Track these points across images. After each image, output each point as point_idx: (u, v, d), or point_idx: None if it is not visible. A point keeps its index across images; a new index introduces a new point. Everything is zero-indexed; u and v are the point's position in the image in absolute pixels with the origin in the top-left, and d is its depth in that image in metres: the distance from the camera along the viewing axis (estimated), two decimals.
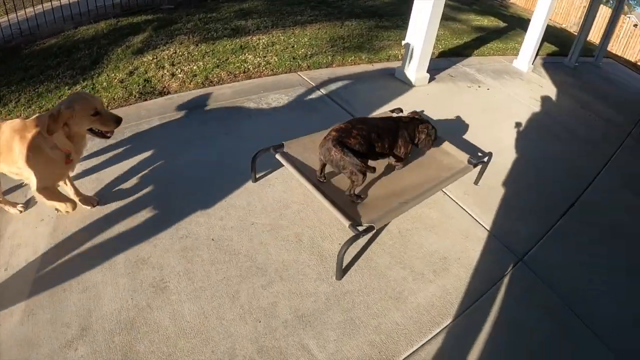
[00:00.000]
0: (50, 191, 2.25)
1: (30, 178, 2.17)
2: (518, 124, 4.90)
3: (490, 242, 2.81)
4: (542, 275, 2.70)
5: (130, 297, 2.04)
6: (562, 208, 3.52)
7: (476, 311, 2.31)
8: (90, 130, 2.23)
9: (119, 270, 2.15)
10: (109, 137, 2.31)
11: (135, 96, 3.72)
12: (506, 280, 2.57)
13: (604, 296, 2.73)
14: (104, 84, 3.83)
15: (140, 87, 3.86)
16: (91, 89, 3.72)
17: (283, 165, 2.67)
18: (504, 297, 2.44)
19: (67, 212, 2.36)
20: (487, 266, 2.63)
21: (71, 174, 2.43)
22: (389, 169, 2.84)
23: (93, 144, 2.96)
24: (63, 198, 2.34)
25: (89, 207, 2.49)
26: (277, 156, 2.68)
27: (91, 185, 2.66)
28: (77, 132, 2.18)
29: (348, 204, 2.39)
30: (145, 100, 3.73)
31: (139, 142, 3.11)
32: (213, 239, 2.39)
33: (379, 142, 2.55)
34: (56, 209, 2.40)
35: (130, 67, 4.22)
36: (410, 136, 2.79)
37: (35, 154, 2.11)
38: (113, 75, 4.01)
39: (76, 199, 2.44)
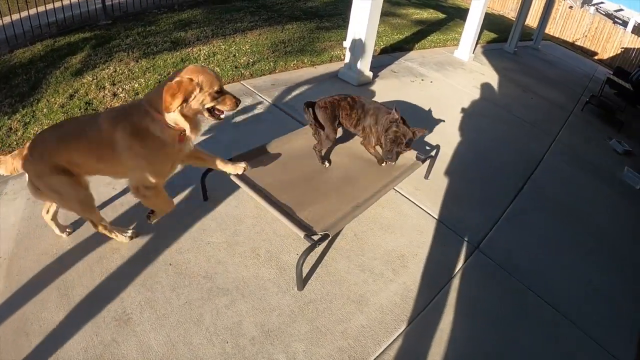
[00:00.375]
0: (157, 189, 2.12)
1: (135, 174, 2.03)
2: (463, 114, 5.13)
3: (445, 234, 2.95)
4: (499, 260, 2.86)
5: (95, 333, 1.99)
6: (513, 191, 3.72)
7: (439, 303, 2.43)
8: (208, 110, 2.05)
9: (78, 307, 2.10)
10: (222, 119, 2.15)
11: None
12: (465, 269, 2.71)
13: (559, 272, 2.95)
14: (44, 110, 3.70)
15: (82, 110, 3.75)
16: (31, 117, 3.58)
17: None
18: (465, 286, 2.57)
19: (160, 216, 2.32)
20: (445, 258, 2.75)
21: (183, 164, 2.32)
22: (341, 173, 2.91)
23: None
24: (167, 197, 2.24)
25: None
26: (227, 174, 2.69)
27: (41, 220, 2.56)
28: (196, 110, 2.00)
29: (302, 215, 2.44)
30: None
31: None
32: (170, 264, 2.37)
33: (344, 116, 3.03)
34: (150, 215, 2.32)
35: (71, 90, 4.09)
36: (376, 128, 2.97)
37: (143, 142, 1.95)
38: (53, 100, 3.88)
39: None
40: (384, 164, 3.03)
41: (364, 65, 5.19)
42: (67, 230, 2.40)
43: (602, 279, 3.04)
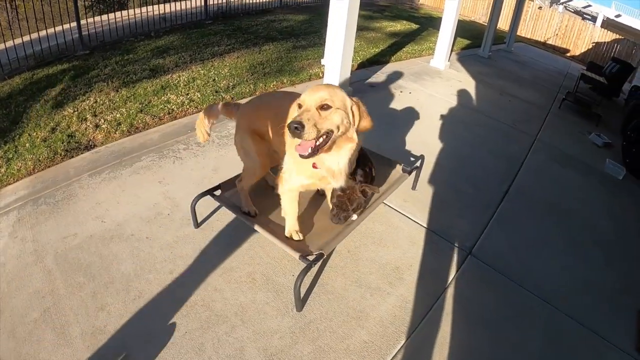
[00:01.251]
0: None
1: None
2: (444, 122, 5.25)
3: (437, 243, 3.01)
4: (492, 263, 2.93)
5: None
6: (500, 194, 3.81)
7: (437, 311, 2.47)
8: None
9: (77, 345, 2.09)
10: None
11: (60, 154, 3.62)
12: (460, 275, 2.77)
13: (553, 269, 3.04)
14: (27, 145, 3.70)
15: (65, 143, 3.76)
16: (14, 152, 3.59)
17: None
18: (461, 292, 2.63)
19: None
20: (439, 266, 2.81)
21: None
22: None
23: (26, 212, 2.86)
24: None
25: None
26: (216, 200, 2.73)
27: (31, 258, 2.56)
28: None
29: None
30: (72, 157, 3.64)
31: (70, 205, 3.03)
32: (166, 295, 2.38)
33: None
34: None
35: (52, 124, 4.10)
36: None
37: None
38: (35, 134, 3.89)
39: None
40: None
41: (343, 82, 5.28)
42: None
43: (596, 271, 3.13)
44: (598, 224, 3.79)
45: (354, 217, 2.63)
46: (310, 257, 2.30)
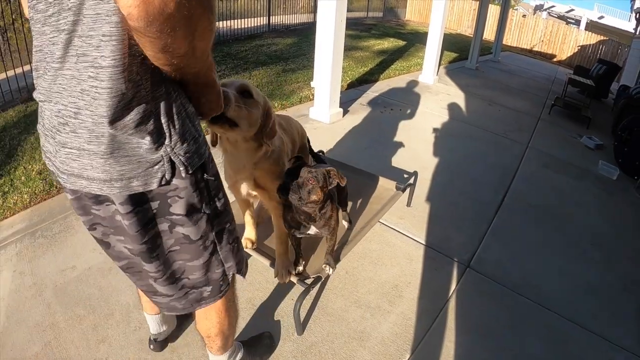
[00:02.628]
0: None
1: None
2: (435, 136, 5.32)
3: (435, 258, 3.03)
4: (492, 274, 2.96)
5: None
6: (495, 204, 3.85)
7: (439, 326, 2.49)
8: None
9: None
10: None
11: (56, 187, 3.62)
12: (459, 289, 2.79)
13: (553, 275, 3.07)
14: (22, 178, 3.72)
15: None
16: (10, 185, 3.61)
17: None
18: (462, 305, 2.65)
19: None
20: (439, 281, 2.83)
21: None
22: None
23: (22, 244, 2.87)
24: None
25: None
26: None
27: (30, 291, 2.56)
28: None
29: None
30: None
31: (68, 237, 3.03)
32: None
33: None
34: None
35: None
36: None
37: None
38: (30, 167, 3.90)
39: None
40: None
41: (334, 103, 5.36)
42: None
43: (596, 273, 3.16)
44: (595, 225, 3.83)
45: (329, 270, 2.39)
46: (309, 281, 2.32)
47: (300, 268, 2.40)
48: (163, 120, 0.98)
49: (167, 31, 0.76)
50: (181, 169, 1.03)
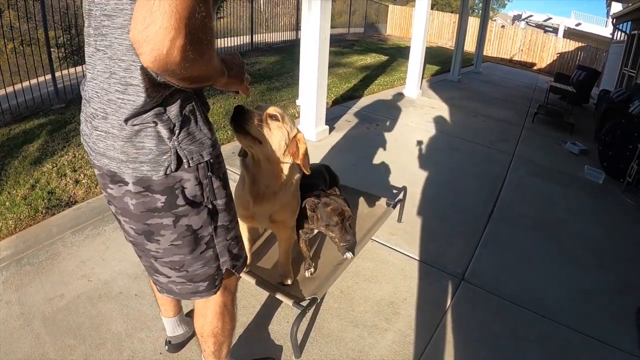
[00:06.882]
0: None
1: None
2: (421, 150, 5.38)
3: (429, 273, 3.05)
4: (487, 286, 2.98)
5: None
6: (485, 215, 3.89)
7: (437, 341, 2.49)
8: None
9: None
10: None
11: (42, 212, 3.58)
12: (455, 302, 2.80)
13: (547, 283, 3.10)
14: (7, 203, 3.65)
15: (45, 201, 3.73)
16: None
17: None
18: (459, 319, 2.66)
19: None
20: (434, 296, 2.84)
21: None
22: (315, 236, 2.98)
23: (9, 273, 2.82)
24: None
25: None
26: None
27: (18, 322, 2.51)
28: None
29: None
30: (54, 214, 3.60)
31: (55, 264, 2.97)
32: (160, 353, 2.35)
33: None
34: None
35: (32, 180, 4.06)
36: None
37: None
38: (15, 192, 3.84)
39: None
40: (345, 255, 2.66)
41: (319, 120, 5.40)
42: None
43: (590, 277, 3.21)
44: (586, 230, 3.89)
45: (349, 255, 2.68)
46: (304, 303, 2.32)
47: (312, 270, 2.59)
48: (174, 120, 1.18)
49: (180, 72, 0.94)
50: (185, 161, 1.21)
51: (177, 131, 1.19)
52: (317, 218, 2.35)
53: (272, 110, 1.83)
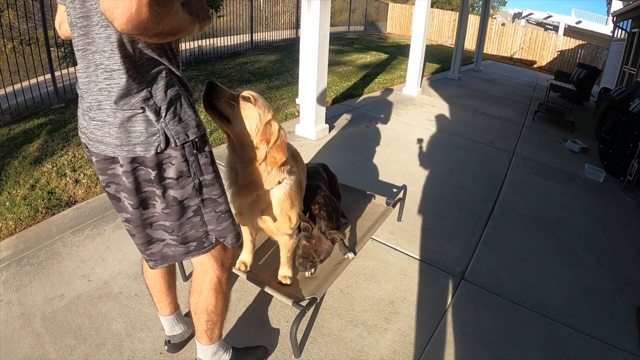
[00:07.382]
0: None
1: None
2: (421, 149, 5.37)
3: (429, 272, 3.05)
4: (487, 285, 2.97)
5: None
6: (485, 214, 3.88)
7: (437, 340, 2.49)
8: None
9: None
10: None
11: (42, 212, 3.58)
12: (455, 301, 2.80)
13: (547, 282, 3.10)
14: (7, 203, 3.65)
15: (45, 201, 3.72)
16: None
17: None
18: (459, 317, 2.66)
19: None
20: (434, 295, 2.84)
21: None
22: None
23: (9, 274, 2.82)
24: None
25: None
26: None
27: (18, 322, 2.51)
28: None
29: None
30: (54, 214, 3.60)
31: (55, 264, 2.96)
32: (161, 353, 2.35)
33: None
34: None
35: (31, 180, 4.06)
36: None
37: None
38: (15, 192, 3.84)
39: None
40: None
41: (320, 119, 5.39)
42: None
43: (590, 276, 3.20)
44: (586, 229, 3.89)
45: (351, 255, 2.68)
46: (304, 303, 2.31)
47: (313, 270, 2.55)
48: (160, 103, 1.33)
49: (152, 27, 1.08)
50: (172, 141, 1.36)
51: (163, 114, 1.34)
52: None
53: (246, 92, 1.88)
